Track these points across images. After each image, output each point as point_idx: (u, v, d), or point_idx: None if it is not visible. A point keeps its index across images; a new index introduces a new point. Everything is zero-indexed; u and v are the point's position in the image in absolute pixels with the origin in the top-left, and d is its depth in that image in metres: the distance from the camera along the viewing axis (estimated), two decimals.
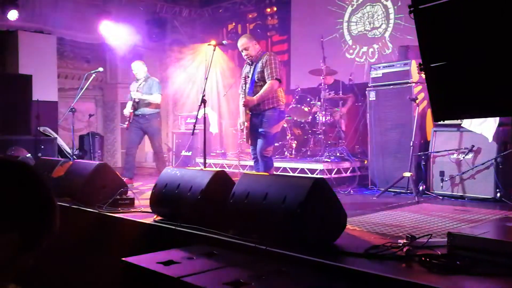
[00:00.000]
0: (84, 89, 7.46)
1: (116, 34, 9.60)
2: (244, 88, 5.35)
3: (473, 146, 5.41)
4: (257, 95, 5.21)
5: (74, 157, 7.73)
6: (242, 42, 5.40)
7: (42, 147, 8.08)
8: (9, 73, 9.10)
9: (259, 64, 5.27)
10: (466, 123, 5.40)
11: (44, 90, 8.97)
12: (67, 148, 8.86)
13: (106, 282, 3.62)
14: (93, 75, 7.58)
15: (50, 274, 4.36)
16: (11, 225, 0.99)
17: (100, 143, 9.82)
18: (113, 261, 3.10)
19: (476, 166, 5.36)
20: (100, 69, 7.61)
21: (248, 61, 5.43)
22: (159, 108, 7.32)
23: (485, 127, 5.24)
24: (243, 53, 5.43)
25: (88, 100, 10.88)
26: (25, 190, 1.03)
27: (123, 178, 6.47)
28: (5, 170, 1.04)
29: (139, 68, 7.24)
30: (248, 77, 5.33)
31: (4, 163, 1.07)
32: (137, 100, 7.05)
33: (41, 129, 8.56)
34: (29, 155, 7.68)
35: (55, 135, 8.80)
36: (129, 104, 7.15)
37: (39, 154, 7.74)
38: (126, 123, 7.15)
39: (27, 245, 1.03)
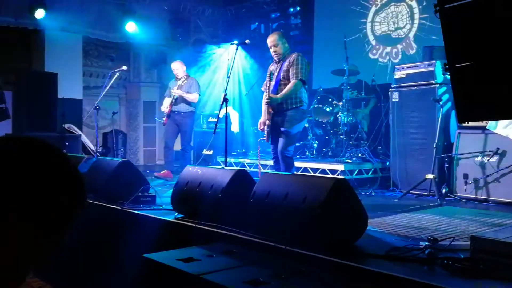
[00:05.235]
0: (108, 87, 7.55)
1: (140, 33, 9.76)
2: (268, 85, 5.30)
3: (498, 148, 5.31)
4: (281, 93, 5.16)
5: (98, 154, 7.84)
6: (272, 38, 5.34)
7: (67, 144, 8.23)
8: (36, 71, 9.27)
9: (286, 63, 5.22)
10: (491, 125, 5.30)
11: (69, 88, 9.16)
12: (90, 145, 9.00)
13: (127, 277, 3.67)
14: (117, 73, 7.67)
15: (72, 268, 4.43)
16: (28, 215, 0.90)
17: (123, 141, 9.95)
18: (134, 257, 3.14)
19: (501, 169, 5.25)
20: (124, 67, 7.69)
21: (276, 58, 5.39)
22: (195, 107, 7.64)
23: (510, 130, 5.14)
24: (271, 50, 5.36)
25: (112, 98, 11.02)
26: (53, 177, 0.95)
27: (163, 171, 7.26)
28: (29, 151, 0.95)
29: (179, 67, 7.59)
30: (274, 74, 5.29)
31: (30, 143, 0.96)
32: (175, 97, 7.31)
33: (66, 126, 8.72)
34: None
35: (80, 132, 8.95)
36: (166, 101, 7.46)
37: (64, 151, 7.86)
38: (164, 118, 7.44)
39: (46, 236, 0.95)
